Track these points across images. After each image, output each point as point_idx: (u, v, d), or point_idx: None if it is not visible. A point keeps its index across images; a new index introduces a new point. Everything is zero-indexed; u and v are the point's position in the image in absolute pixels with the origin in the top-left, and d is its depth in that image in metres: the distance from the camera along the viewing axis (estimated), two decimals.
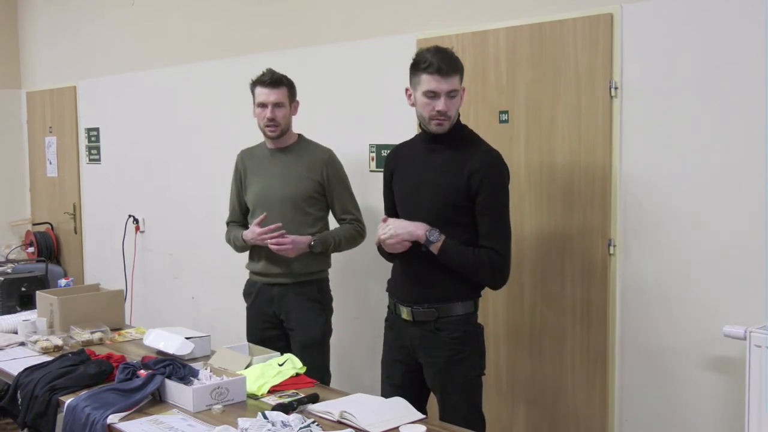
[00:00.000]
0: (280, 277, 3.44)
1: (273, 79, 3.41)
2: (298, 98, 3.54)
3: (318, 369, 3.43)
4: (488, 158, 2.77)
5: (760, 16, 2.77)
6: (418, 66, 2.74)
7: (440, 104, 2.71)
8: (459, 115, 2.84)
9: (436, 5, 3.74)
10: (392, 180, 2.98)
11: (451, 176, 2.75)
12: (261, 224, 3.39)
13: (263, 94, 3.42)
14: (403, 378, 2.92)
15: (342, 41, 4.17)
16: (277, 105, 3.41)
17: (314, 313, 3.47)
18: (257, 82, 3.45)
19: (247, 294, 3.62)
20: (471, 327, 2.83)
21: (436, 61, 2.69)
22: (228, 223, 3.71)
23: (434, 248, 2.72)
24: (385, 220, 2.84)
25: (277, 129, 3.44)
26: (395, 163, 2.98)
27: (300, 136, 3.57)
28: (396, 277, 2.95)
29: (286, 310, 3.47)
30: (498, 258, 2.74)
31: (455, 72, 2.72)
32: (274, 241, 3.34)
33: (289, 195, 3.43)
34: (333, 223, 3.58)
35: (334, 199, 3.50)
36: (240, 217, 3.66)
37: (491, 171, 2.75)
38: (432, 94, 2.72)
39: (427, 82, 2.71)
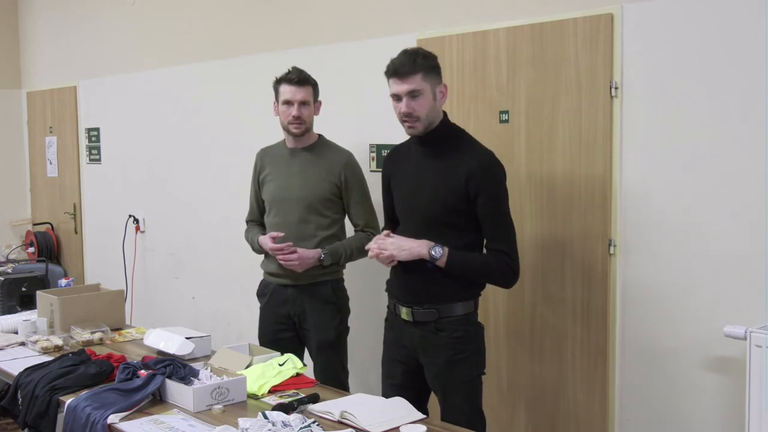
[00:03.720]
0: (295, 278, 3.42)
1: (300, 78, 3.41)
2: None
3: (334, 369, 3.44)
4: (483, 160, 2.76)
5: (760, 16, 2.77)
6: (385, 73, 2.79)
7: (402, 106, 2.73)
8: (445, 114, 2.84)
9: (436, 5, 3.74)
10: (390, 184, 2.98)
11: (447, 180, 2.74)
12: (276, 240, 3.38)
13: (290, 92, 3.40)
14: (403, 377, 2.92)
15: (342, 41, 4.17)
16: (303, 103, 3.40)
17: (329, 313, 3.46)
18: (283, 80, 3.44)
19: (261, 294, 3.61)
20: (471, 327, 2.83)
21: (393, 65, 2.73)
22: (247, 222, 3.71)
23: (440, 263, 2.72)
24: (388, 235, 2.82)
25: (302, 126, 3.43)
26: (392, 167, 2.99)
27: (320, 136, 3.56)
28: (395, 277, 2.94)
29: (301, 311, 3.46)
30: (506, 258, 2.75)
31: (414, 71, 2.71)
32: (282, 256, 3.34)
33: (305, 196, 3.42)
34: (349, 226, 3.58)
35: (350, 204, 3.48)
36: (258, 216, 3.65)
37: (488, 173, 2.74)
38: (396, 97, 2.76)
39: (390, 86, 2.77)
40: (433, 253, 2.71)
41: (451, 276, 2.75)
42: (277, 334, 3.51)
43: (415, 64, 2.71)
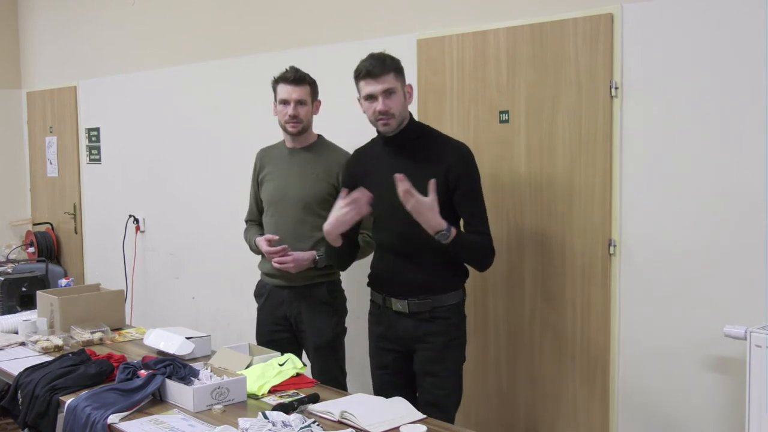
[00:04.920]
0: (291, 280, 3.42)
1: (296, 77, 3.40)
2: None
3: (332, 370, 3.44)
4: (460, 153, 2.93)
5: (760, 15, 2.77)
6: (355, 77, 2.92)
7: (379, 104, 2.85)
8: (410, 114, 2.95)
9: (436, 5, 3.74)
10: (357, 186, 2.97)
11: (428, 175, 2.79)
12: (271, 243, 3.37)
13: (286, 91, 3.39)
14: (395, 364, 3.02)
15: (342, 41, 4.17)
16: (299, 102, 3.39)
17: (325, 315, 3.45)
18: (280, 79, 3.43)
19: (258, 295, 3.60)
20: (462, 315, 3.00)
21: (365, 67, 2.87)
22: (247, 222, 3.70)
23: (448, 239, 2.80)
24: (401, 179, 2.73)
25: (299, 125, 3.41)
26: (359, 171, 3.07)
27: (320, 136, 3.55)
28: (384, 271, 3.02)
29: (297, 313, 3.45)
30: (490, 241, 2.93)
31: (386, 71, 2.86)
32: (277, 259, 3.34)
33: (303, 197, 3.41)
34: None
35: None
36: (257, 216, 3.63)
37: (467, 165, 2.92)
38: (370, 98, 2.88)
39: (362, 88, 2.90)
40: (446, 231, 2.75)
41: (441, 265, 2.89)
42: (274, 335, 3.50)
43: (385, 65, 2.87)
